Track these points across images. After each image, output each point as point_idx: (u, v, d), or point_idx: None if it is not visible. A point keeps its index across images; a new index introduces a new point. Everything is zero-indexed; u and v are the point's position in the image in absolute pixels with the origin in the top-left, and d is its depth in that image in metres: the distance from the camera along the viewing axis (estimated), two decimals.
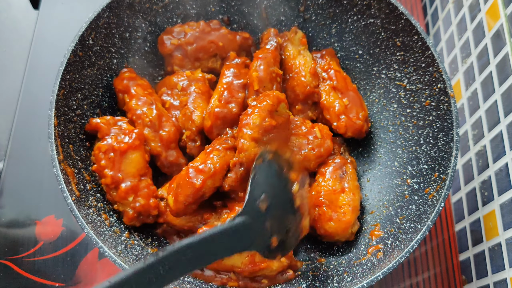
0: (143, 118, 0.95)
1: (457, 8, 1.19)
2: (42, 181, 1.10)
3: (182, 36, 1.05)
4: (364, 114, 1.04)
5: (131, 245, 0.88)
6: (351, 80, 1.10)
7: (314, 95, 1.05)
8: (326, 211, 0.93)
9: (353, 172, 0.99)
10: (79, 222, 0.81)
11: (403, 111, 1.04)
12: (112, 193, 0.90)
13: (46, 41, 1.24)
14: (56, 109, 0.87)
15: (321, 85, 1.06)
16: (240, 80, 0.99)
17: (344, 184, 0.95)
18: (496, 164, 0.98)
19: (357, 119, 1.03)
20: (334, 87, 1.05)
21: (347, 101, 1.04)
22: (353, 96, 1.05)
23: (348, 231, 0.93)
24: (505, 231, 0.93)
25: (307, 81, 1.04)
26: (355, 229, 0.95)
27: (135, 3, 1.02)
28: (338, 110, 1.03)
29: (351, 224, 0.93)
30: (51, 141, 0.85)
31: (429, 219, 0.85)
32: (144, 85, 1.01)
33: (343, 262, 0.94)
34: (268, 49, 1.03)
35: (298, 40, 1.09)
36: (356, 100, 1.05)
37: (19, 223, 1.06)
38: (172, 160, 0.96)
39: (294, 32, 1.09)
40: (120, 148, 0.89)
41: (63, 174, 0.84)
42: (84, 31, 0.93)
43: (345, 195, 0.94)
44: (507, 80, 0.95)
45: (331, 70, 1.06)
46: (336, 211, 0.93)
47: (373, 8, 1.04)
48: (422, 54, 0.98)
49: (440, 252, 1.11)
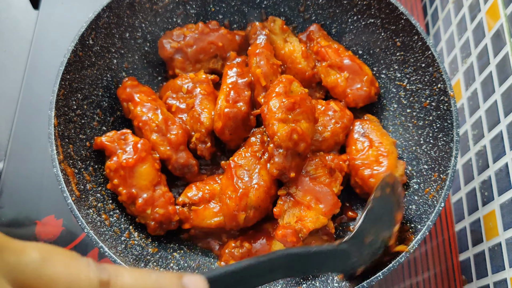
0: (149, 124, 0.95)
1: (457, 8, 1.19)
2: (42, 181, 1.10)
3: (182, 39, 1.05)
4: (367, 79, 1.03)
5: (131, 245, 0.88)
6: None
7: (315, 76, 1.05)
8: (364, 172, 0.95)
9: (374, 124, 1.00)
10: (79, 222, 0.81)
11: (403, 111, 1.04)
12: (131, 208, 0.91)
13: (46, 41, 1.24)
14: (56, 109, 0.87)
15: (317, 65, 1.06)
16: (245, 78, 0.99)
17: (369, 140, 0.97)
18: (496, 164, 0.98)
19: (361, 88, 1.02)
20: (330, 65, 1.05)
21: (346, 74, 1.03)
22: (350, 66, 1.04)
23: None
24: (505, 231, 0.93)
25: (303, 67, 1.04)
26: (401, 170, 0.94)
27: (135, 3, 1.02)
28: (341, 87, 1.03)
29: (391, 169, 0.93)
30: (51, 141, 0.85)
31: (429, 219, 0.85)
32: (147, 91, 1.01)
33: None
34: (261, 43, 1.03)
35: (279, 28, 1.08)
36: (355, 68, 1.04)
37: (19, 223, 1.06)
38: (183, 162, 0.95)
39: (272, 21, 1.09)
40: (128, 164, 0.90)
41: (63, 174, 0.83)
42: (84, 31, 0.93)
43: (374, 149, 0.96)
44: (507, 80, 0.95)
45: (321, 48, 1.06)
46: (371, 166, 0.94)
47: (373, 8, 1.04)
48: (422, 54, 0.98)
49: (440, 252, 1.11)
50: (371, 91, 1.03)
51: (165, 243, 0.95)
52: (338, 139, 1.00)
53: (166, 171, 0.97)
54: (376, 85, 1.05)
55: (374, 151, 0.96)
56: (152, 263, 0.88)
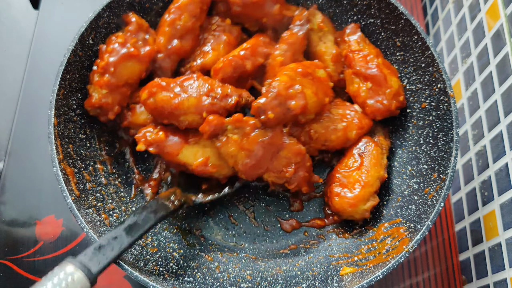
0: (175, 19, 0.98)
1: (457, 8, 1.19)
2: (42, 181, 1.10)
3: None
4: (390, 92, 0.98)
5: None
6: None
7: (340, 82, 1.04)
8: (334, 188, 0.95)
9: (377, 150, 0.98)
10: (79, 221, 0.81)
11: (402, 111, 1.04)
12: (95, 76, 0.94)
13: (46, 41, 1.24)
14: (56, 108, 0.88)
15: (345, 70, 1.04)
16: (266, 49, 0.99)
17: (360, 162, 0.96)
18: (496, 164, 0.98)
19: (381, 101, 0.99)
20: (354, 72, 1.01)
21: (369, 84, 0.99)
22: (375, 76, 0.99)
23: (359, 207, 0.93)
24: (505, 231, 0.93)
25: (330, 71, 1.02)
26: (368, 206, 0.94)
27: (135, 3, 1.02)
28: (362, 97, 1.00)
29: (358, 200, 0.93)
30: (51, 141, 0.85)
31: (429, 219, 0.85)
32: (206, 2, 1.02)
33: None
34: (297, 33, 1.01)
35: (317, 25, 1.05)
36: (379, 79, 0.98)
37: (19, 223, 1.06)
38: (164, 66, 0.99)
39: (312, 15, 1.05)
40: (130, 51, 0.95)
41: (62, 173, 0.84)
42: (84, 31, 0.93)
43: (359, 172, 0.95)
44: (507, 80, 0.95)
45: (349, 54, 1.02)
46: (345, 187, 0.94)
47: (373, 8, 1.04)
48: (422, 54, 0.98)
49: (440, 252, 1.11)
50: (391, 105, 0.99)
51: (165, 243, 0.95)
52: (350, 136, 0.98)
53: None
54: (401, 98, 1.00)
55: (357, 174, 0.95)
56: (151, 262, 0.88)
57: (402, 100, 1.00)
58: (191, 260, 0.94)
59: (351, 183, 0.94)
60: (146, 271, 0.83)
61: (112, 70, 0.93)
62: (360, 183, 0.94)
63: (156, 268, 0.87)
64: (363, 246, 0.95)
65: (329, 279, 0.89)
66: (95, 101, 0.93)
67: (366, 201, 0.93)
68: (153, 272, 0.85)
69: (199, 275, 0.90)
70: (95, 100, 0.94)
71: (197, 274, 0.91)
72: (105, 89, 0.94)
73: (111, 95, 0.94)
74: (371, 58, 1.01)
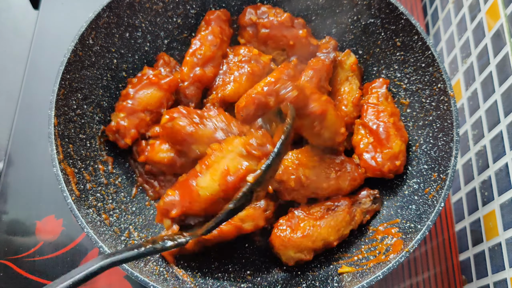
0: (197, 50, 1.03)
1: (457, 8, 1.19)
2: (42, 181, 1.10)
3: (264, 17, 1.06)
4: (388, 153, 0.96)
5: (131, 244, 0.88)
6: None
7: (352, 126, 1.03)
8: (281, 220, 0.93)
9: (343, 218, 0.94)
10: (79, 221, 0.81)
11: (403, 111, 1.04)
12: (119, 102, 0.99)
13: (46, 41, 1.24)
14: (56, 108, 0.87)
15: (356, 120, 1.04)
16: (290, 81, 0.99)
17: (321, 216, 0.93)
18: (496, 164, 0.98)
19: (375, 159, 0.97)
20: (362, 123, 1.01)
21: (371, 139, 0.99)
22: (379, 133, 0.99)
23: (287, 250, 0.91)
24: (505, 231, 0.93)
25: (347, 111, 1.02)
26: (296, 256, 0.91)
27: (135, 3, 1.02)
28: (361, 150, 1.00)
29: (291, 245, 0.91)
30: (51, 141, 0.85)
31: (429, 219, 0.85)
32: (226, 31, 1.07)
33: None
34: (324, 60, 1.01)
35: (349, 65, 1.06)
36: (381, 136, 0.98)
37: (19, 223, 1.06)
38: (188, 94, 1.02)
39: (347, 55, 1.06)
40: (150, 79, 1.00)
41: (63, 173, 0.84)
42: (84, 30, 0.93)
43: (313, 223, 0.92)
44: (507, 80, 0.95)
45: (364, 104, 1.03)
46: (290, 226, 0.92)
47: (373, 8, 1.04)
48: (422, 54, 0.98)
49: (440, 252, 1.11)
50: (383, 166, 0.97)
51: None
52: (343, 185, 0.96)
53: None
54: (397, 163, 0.97)
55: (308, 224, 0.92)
56: (152, 262, 0.88)
57: (398, 165, 0.97)
58: (192, 260, 0.94)
59: (298, 228, 0.92)
60: (146, 271, 0.83)
61: (131, 95, 0.98)
62: (304, 233, 0.91)
63: (157, 268, 0.87)
64: (363, 246, 0.95)
65: (329, 279, 0.90)
66: (113, 125, 0.97)
67: (298, 251, 0.91)
68: (153, 272, 0.85)
69: (199, 275, 0.90)
70: (112, 124, 0.97)
71: (198, 274, 0.91)
72: (122, 113, 0.97)
73: (128, 118, 0.97)
74: (384, 115, 1.01)
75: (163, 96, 0.99)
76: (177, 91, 1.03)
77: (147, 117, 0.99)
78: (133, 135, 0.98)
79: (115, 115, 0.98)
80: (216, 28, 1.04)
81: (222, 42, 1.05)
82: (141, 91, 0.99)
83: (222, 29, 1.05)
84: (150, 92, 0.99)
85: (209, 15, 1.06)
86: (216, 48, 1.03)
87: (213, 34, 1.04)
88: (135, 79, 1.01)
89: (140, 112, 0.98)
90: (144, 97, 0.98)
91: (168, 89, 1.00)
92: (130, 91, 0.99)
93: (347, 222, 0.95)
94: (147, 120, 0.99)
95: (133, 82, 1.00)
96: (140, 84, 1.00)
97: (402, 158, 0.97)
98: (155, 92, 0.99)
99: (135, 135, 0.98)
